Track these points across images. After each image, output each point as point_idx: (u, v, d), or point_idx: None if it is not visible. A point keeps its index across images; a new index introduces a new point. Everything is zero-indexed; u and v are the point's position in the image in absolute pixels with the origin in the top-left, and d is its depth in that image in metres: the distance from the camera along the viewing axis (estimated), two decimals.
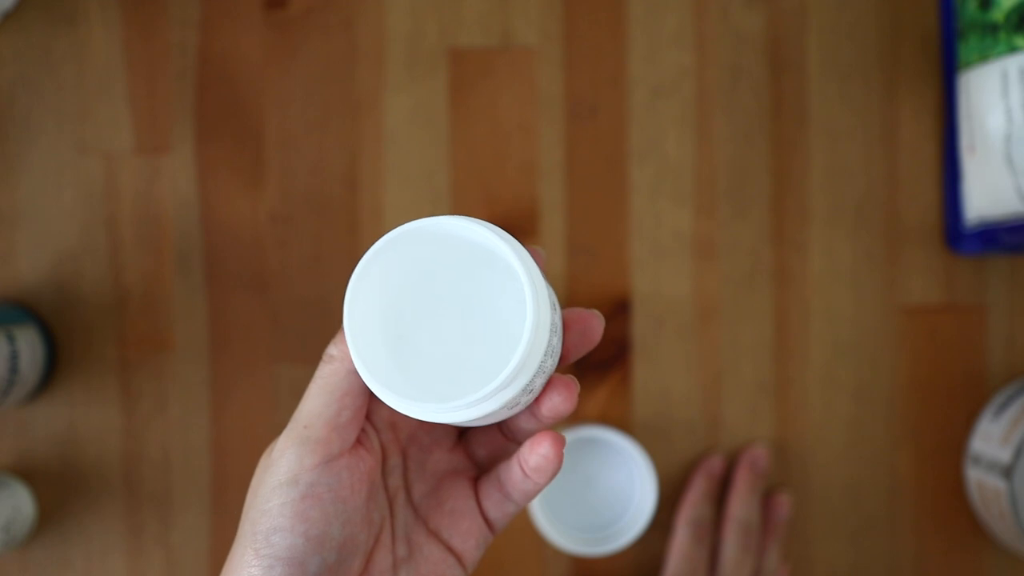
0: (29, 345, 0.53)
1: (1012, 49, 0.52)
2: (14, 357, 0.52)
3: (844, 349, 0.58)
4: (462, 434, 0.38)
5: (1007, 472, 0.54)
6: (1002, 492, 0.54)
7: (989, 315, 0.58)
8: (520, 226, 0.58)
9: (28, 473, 0.57)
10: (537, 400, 0.33)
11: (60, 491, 0.57)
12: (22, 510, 0.55)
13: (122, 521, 0.57)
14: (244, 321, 0.57)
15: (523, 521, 0.58)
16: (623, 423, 0.58)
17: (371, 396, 0.35)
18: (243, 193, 0.57)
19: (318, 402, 0.33)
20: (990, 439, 0.56)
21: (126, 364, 0.57)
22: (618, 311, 0.58)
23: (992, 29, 0.53)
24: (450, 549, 0.36)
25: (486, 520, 0.36)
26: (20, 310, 0.55)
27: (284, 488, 0.33)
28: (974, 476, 0.57)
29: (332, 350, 0.34)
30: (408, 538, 0.36)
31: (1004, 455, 0.54)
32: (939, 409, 0.58)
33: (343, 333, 0.34)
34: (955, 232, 0.58)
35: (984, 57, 0.54)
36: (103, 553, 0.57)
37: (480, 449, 0.38)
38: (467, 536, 0.36)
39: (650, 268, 0.58)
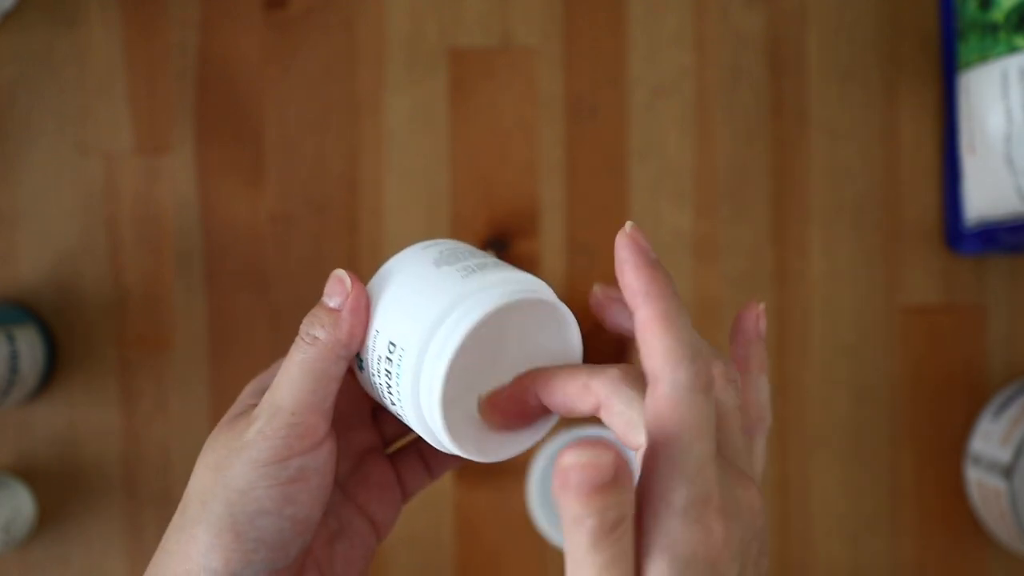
0: (29, 345, 0.53)
1: (1012, 49, 0.52)
2: (14, 357, 0.52)
3: (844, 349, 0.58)
4: (374, 412, 0.39)
5: (1007, 472, 0.54)
6: (1002, 492, 0.54)
7: (989, 315, 0.58)
8: (520, 226, 0.58)
9: (28, 473, 0.57)
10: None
11: (60, 491, 0.57)
12: (22, 510, 0.55)
13: (122, 521, 0.57)
14: (244, 321, 0.57)
15: (523, 521, 0.58)
16: None
17: None
18: (243, 193, 0.57)
19: (305, 388, 0.32)
20: (990, 439, 0.56)
21: (126, 364, 0.57)
22: None
23: (992, 29, 0.53)
24: (372, 521, 0.37)
25: (404, 491, 0.38)
26: (20, 310, 0.55)
27: (271, 470, 0.32)
28: (974, 476, 0.57)
29: (317, 331, 0.32)
30: (337, 513, 0.36)
31: (1004, 455, 0.54)
32: (939, 409, 0.58)
33: (330, 313, 0.32)
34: (955, 232, 0.58)
35: (984, 57, 0.54)
36: (103, 553, 0.57)
37: (388, 427, 0.39)
38: (389, 508, 0.37)
39: None
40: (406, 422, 0.33)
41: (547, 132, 0.58)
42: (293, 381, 0.32)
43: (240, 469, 0.32)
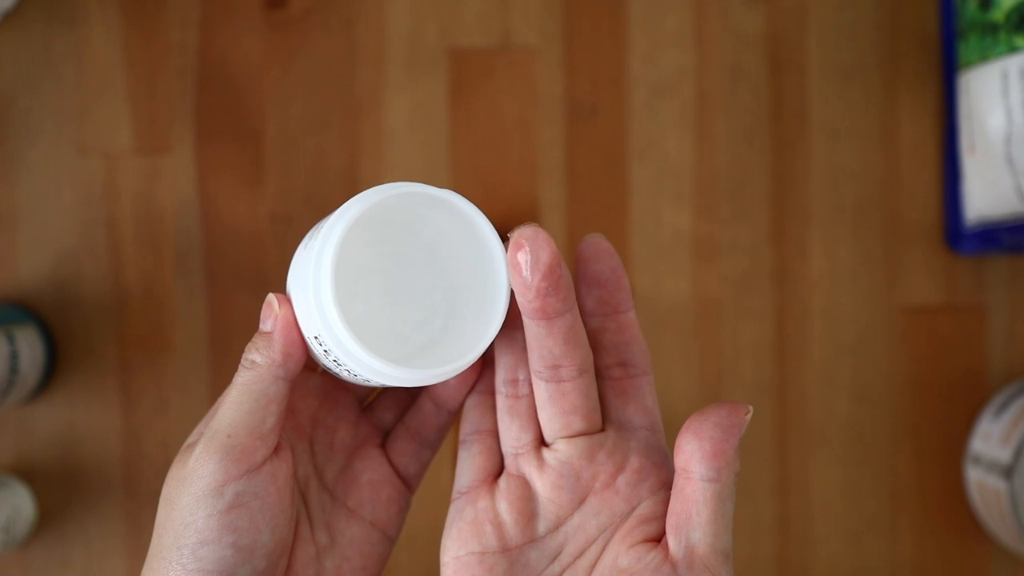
0: (29, 345, 0.53)
1: (1012, 49, 0.52)
2: (14, 357, 0.52)
3: (844, 349, 0.58)
4: (363, 403, 0.38)
5: (1007, 472, 0.54)
6: (1002, 492, 0.54)
7: (989, 315, 0.58)
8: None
9: (28, 473, 0.57)
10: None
11: (60, 491, 0.57)
12: (22, 510, 0.55)
13: (122, 521, 0.57)
14: (244, 321, 0.57)
15: None
16: None
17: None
18: (243, 193, 0.57)
19: (242, 411, 0.32)
20: (990, 439, 0.56)
21: (126, 364, 0.57)
22: None
23: (992, 29, 0.53)
24: (373, 524, 0.36)
25: (403, 480, 0.37)
26: (20, 310, 0.55)
27: (209, 499, 0.32)
28: (974, 476, 0.57)
29: (255, 356, 0.33)
30: (327, 524, 0.36)
31: (1004, 455, 0.54)
32: (939, 409, 0.58)
33: (264, 336, 0.33)
34: (955, 232, 0.58)
35: (984, 57, 0.54)
36: (103, 553, 0.57)
37: (387, 413, 0.38)
38: (389, 504, 0.36)
39: (650, 268, 0.58)
40: (379, 384, 0.33)
41: (547, 132, 0.58)
42: (231, 403, 0.33)
43: (183, 501, 0.32)
